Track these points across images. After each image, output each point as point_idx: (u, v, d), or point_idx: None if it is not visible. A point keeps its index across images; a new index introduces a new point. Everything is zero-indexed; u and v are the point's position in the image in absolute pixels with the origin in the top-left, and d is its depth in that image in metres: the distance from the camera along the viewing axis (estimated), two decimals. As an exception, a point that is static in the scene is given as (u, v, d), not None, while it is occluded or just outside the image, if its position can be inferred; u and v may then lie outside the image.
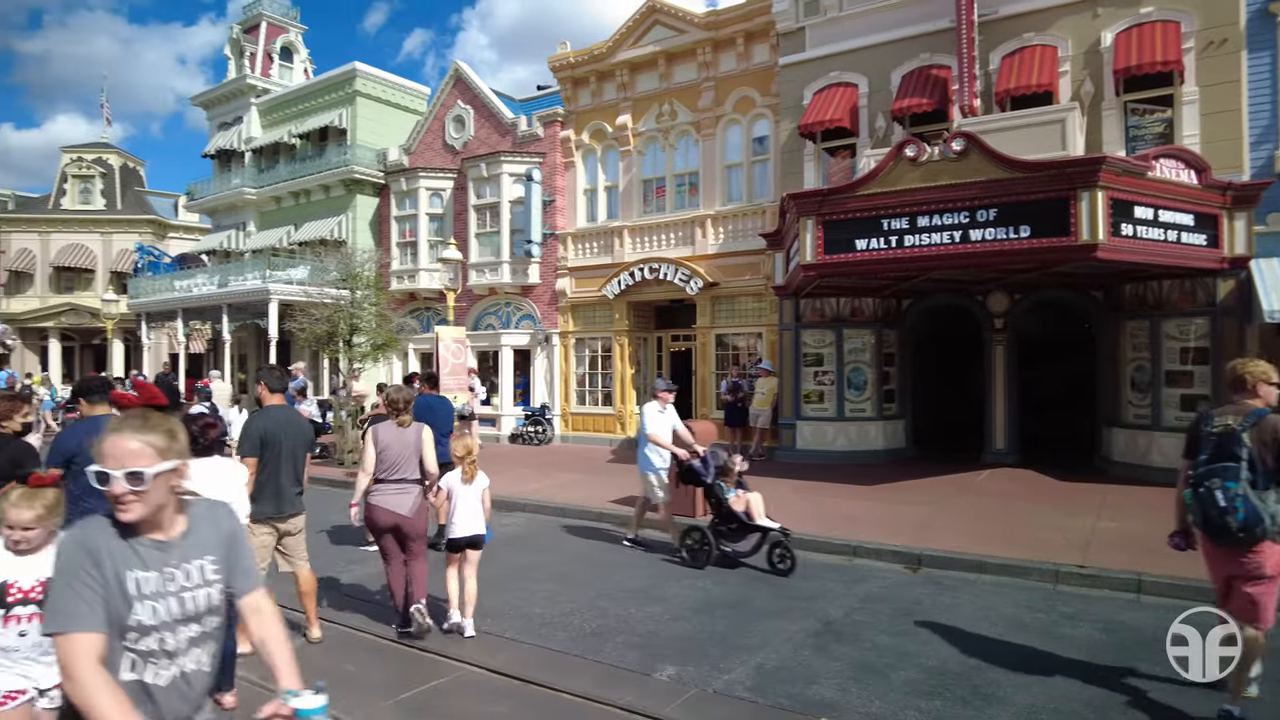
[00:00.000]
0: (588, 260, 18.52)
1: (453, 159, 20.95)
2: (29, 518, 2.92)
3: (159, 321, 25.38)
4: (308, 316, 15.59)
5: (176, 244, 33.47)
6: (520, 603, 6.64)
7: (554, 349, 19.06)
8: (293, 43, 29.52)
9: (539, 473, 13.74)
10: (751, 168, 16.37)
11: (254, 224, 26.10)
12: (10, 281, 33.79)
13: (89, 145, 35.90)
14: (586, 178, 18.88)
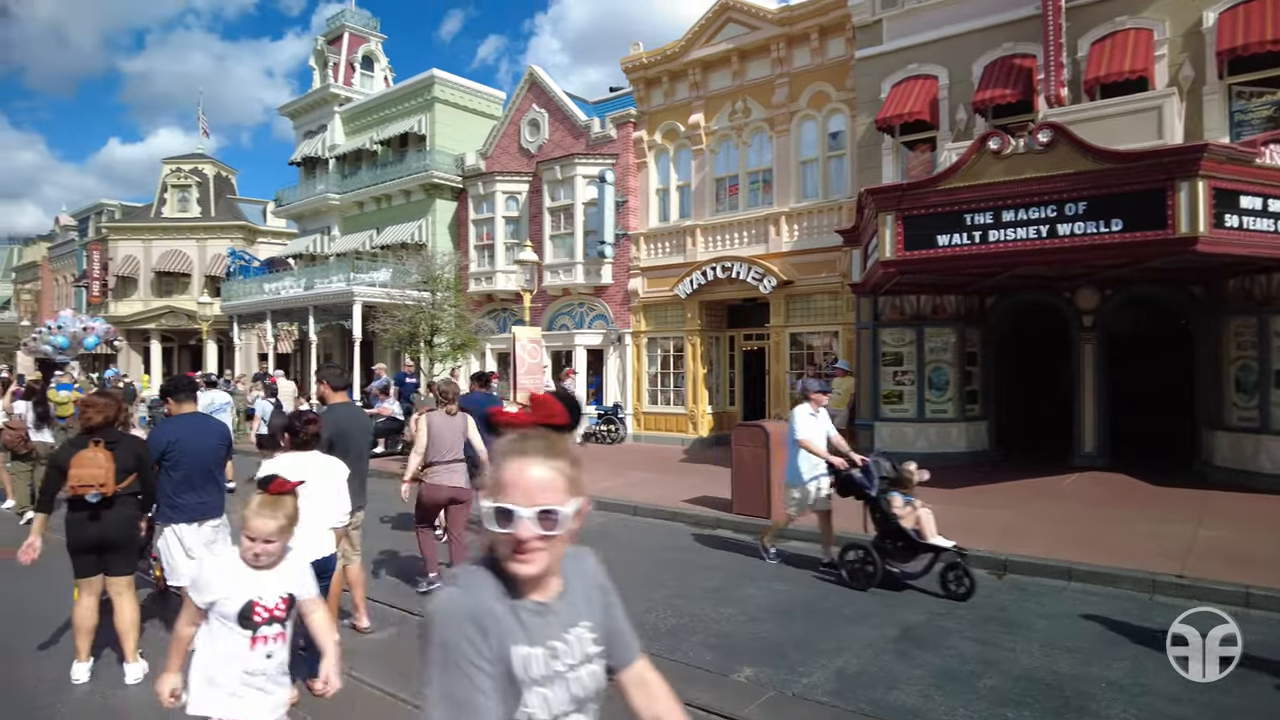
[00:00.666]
0: (660, 260, 18.55)
1: (528, 162, 21.27)
2: (271, 529, 2.71)
3: (249, 323, 26.55)
4: (390, 318, 16.08)
5: (265, 249, 34.91)
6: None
7: (626, 348, 19.15)
8: (373, 52, 30.45)
9: (612, 471, 13.82)
10: (827, 163, 16.13)
11: (338, 228, 27.03)
12: (117, 286, 35.84)
13: (186, 156, 37.76)
14: (659, 177, 18.91)
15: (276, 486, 2.76)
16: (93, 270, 37.86)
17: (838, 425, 14.24)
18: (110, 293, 36.18)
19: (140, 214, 37.49)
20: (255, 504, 2.73)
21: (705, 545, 8.91)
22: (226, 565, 2.74)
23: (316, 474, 4.67)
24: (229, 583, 2.73)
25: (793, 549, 8.59)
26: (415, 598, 6.79)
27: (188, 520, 5.31)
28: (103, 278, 36.79)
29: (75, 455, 4.79)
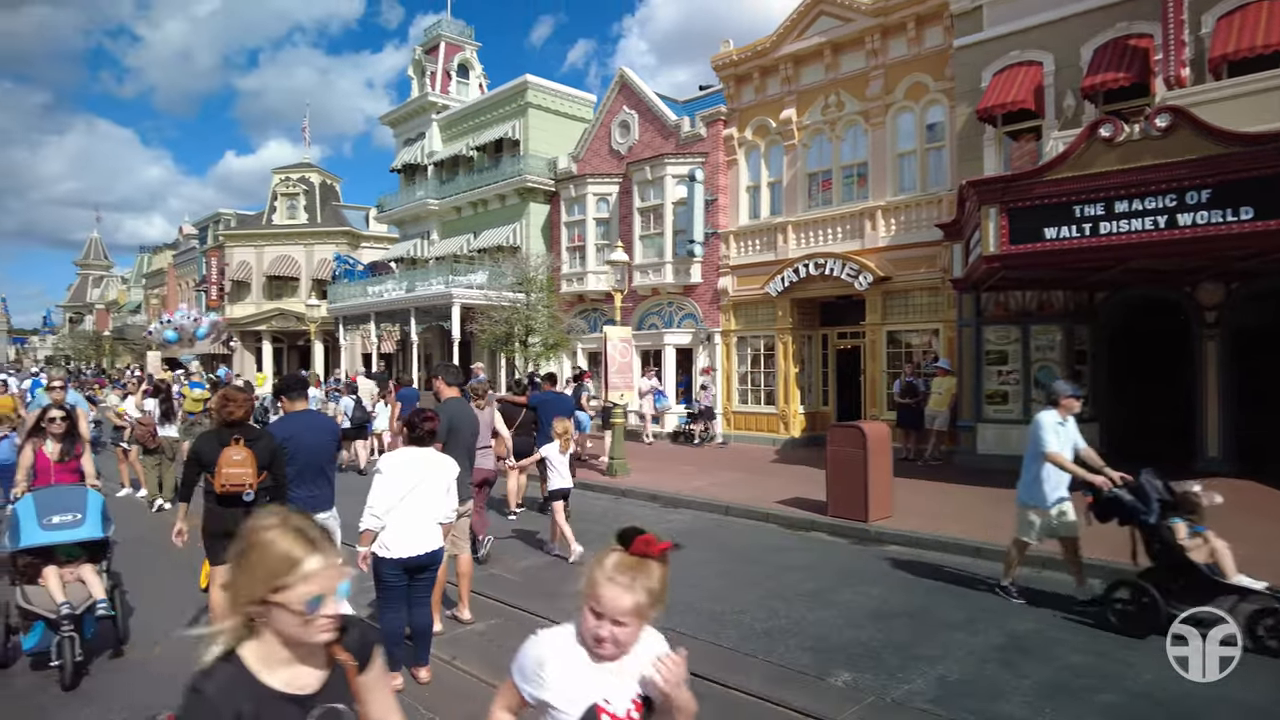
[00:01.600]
0: (750, 258, 18.39)
1: (618, 164, 21.45)
2: (627, 605, 1.88)
3: (354, 324, 27.73)
4: (487, 318, 16.52)
5: (368, 253, 36.37)
6: (689, 598, 6.69)
7: (715, 347, 19.08)
8: (468, 60, 31.30)
9: (702, 471, 13.80)
10: (925, 156, 15.65)
11: (437, 233, 27.92)
12: (232, 290, 38.05)
13: (294, 166, 39.73)
14: (749, 174, 18.76)
15: (642, 545, 1.95)
16: (211, 275, 40.31)
17: (938, 426, 13.95)
18: (226, 296, 38.45)
19: (253, 222, 39.68)
20: (609, 565, 1.93)
21: (799, 548, 8.79)
22: (563, 647, 1.96)
23: (430, 469, 4.91)
24: (568, 677, 1.94)
25: (894, 554, 8.39)
26: (513, 590, 6.96)
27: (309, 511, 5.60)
28: (220, 282, 39.11)
29: (221, 454, 5.02)
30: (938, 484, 11.86)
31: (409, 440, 5.04)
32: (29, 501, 5.32)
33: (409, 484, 4.77)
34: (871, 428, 9.63)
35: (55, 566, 5.21)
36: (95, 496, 5.58)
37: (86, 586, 5.25)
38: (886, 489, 9.52)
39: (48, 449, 6.24)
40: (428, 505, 4.84)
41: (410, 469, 4.83)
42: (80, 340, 62.96)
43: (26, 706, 4.78)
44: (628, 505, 11.36)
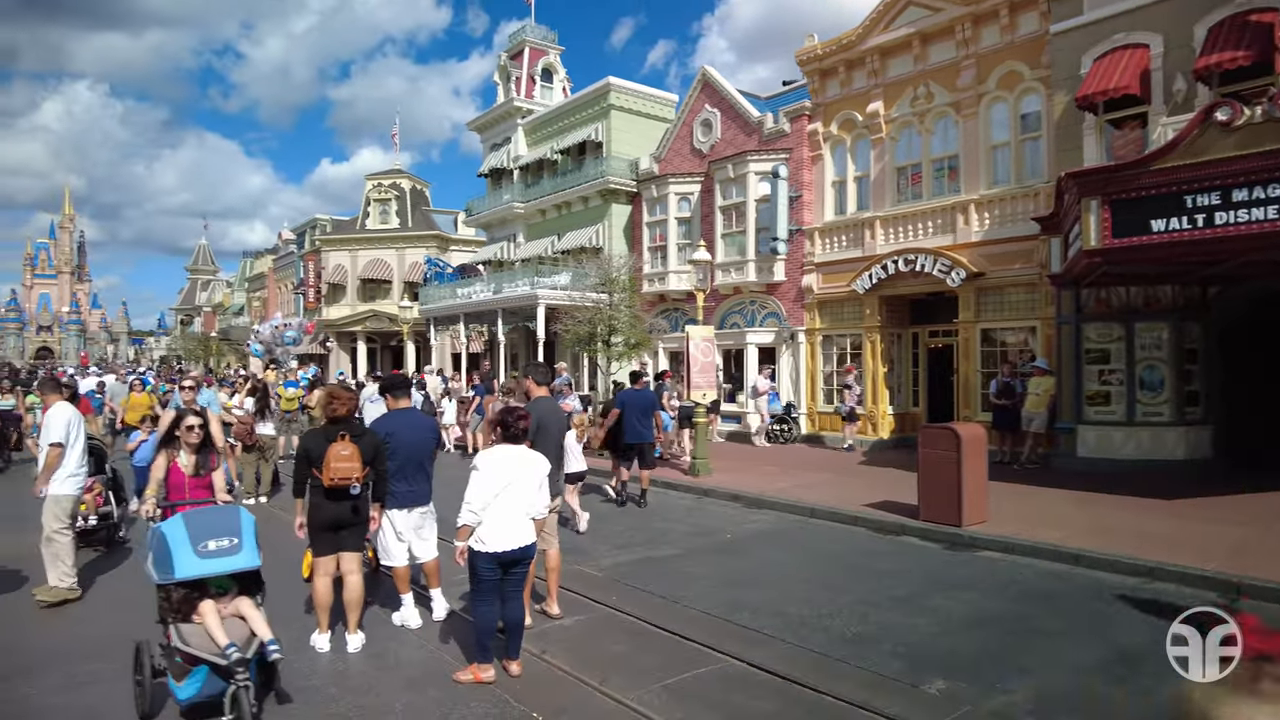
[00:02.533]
0: (836, 255, 18.06)
1: (700, 163, 21.39)
2: None
3: (444, 325, 28.53)
4: (571, 319, 16.72)
5: (457, 256, 37.34)
6: (776, 600, 6.62)
7: (800, 346, 18.80)
8: (552, 64, 31.74)
9: (785, 471, 13.62)
10: (1020, 147, 15.05)
11: (522, 235, 28.44)
12: (328, 293, 39.67)
13: (386, 172, 41.11)
14: (835, 169, 18.42)
15: None
16: (309, 279, 42.14)
17: (1035, 428, 13.39)
18: (323, 299, 40.11)
19: (347, 227, 41.26)
20: None
21: (889, 552, 8.57)
22: None
23: (524, 466, 5.01)
24: None
25: (989, 560, 8.11)
26: (600, 586, 7.01)
27: (399, 506, 5.90)
28: (317, 285, 40.84)
29: (329, 449, 5.29)
30: (1035, 488, 11.38)
31: (503, 438, 5.12)
32: (178, 524, 4.50)
33: (504, 481, 4.88)
34: (966, 429, 9.32)
35: (210, 601, 4.46)
36: (248, 517, 4.74)
37: (248, 624, 4.50)
38: (981, 493, 9.20)
39: (181, 461, 5.50)
40: (521, 501, 4.95)
41: (505, 466, 4.94)
42: (190, 341, 66.73)
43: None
44: (710, 505, 11.31)
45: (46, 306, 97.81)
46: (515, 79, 30.28)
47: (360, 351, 38.88)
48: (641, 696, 4.71)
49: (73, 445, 6.78)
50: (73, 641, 5.74)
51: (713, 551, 8.60)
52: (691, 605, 6.53)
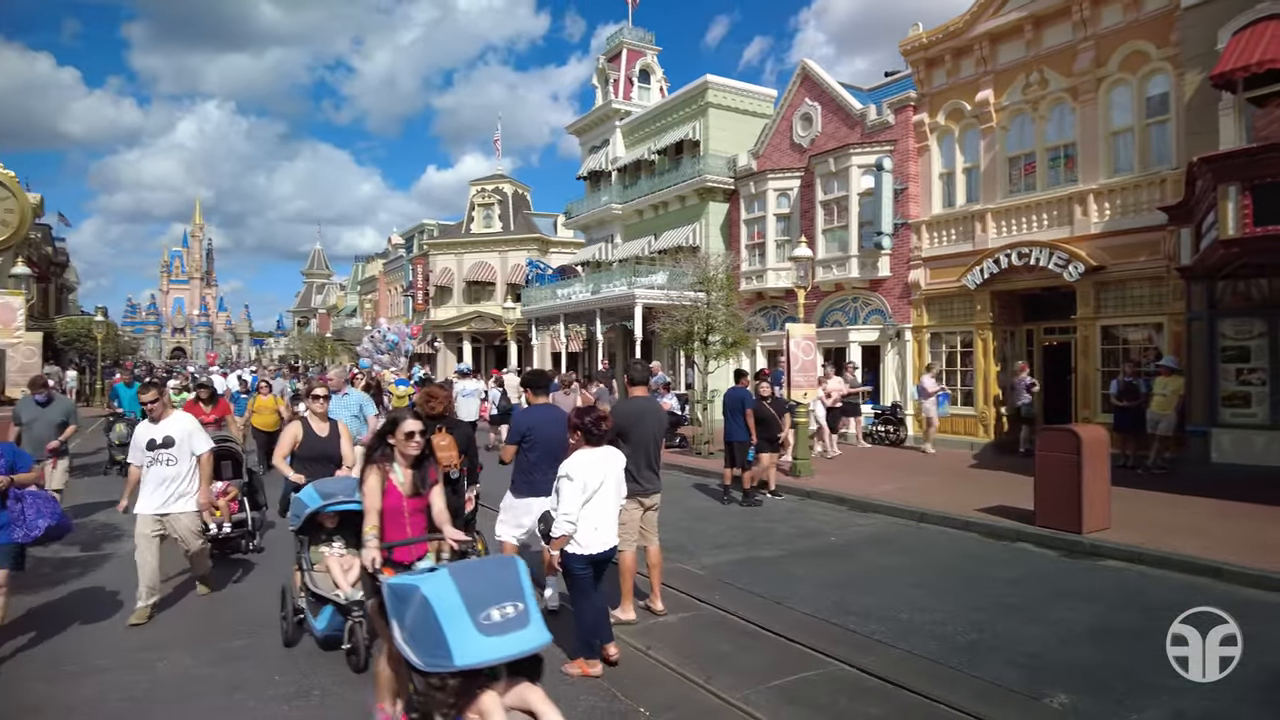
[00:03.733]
0: (944, 249, 17.44)
1: (800, 158, 21.07)
2: None
3: (544, 325, 29.11)
4: (669, 318, 16.73)
5: (557, 257, 38.03)
6: (886, 605, 6.45)
7: (906, 344, 18.25)
8: (649, 65, 31.89)
9: (891, 474, 13.26)
10: (1145, 132, 14.14)
11: (620, 236, 28.70)
12: (435, 295, 41.09)
13: (489, 178, 42.23)
14: (942, 161, 17.79)
15: None
16: (417, 282, 43.78)
17: (1162, 431, 12.58)
18: (430, 300, 41.60)
19: (453, 231, 42.63)
20: None
21: (1004, 558, 8.22)
22: None
23: (610, 467, 5.09)
24: None
25: (1113, 569, 7.67)
26: (702, 585, 7.00)
27: (539, 494, 6.06)
28: (424, 288, 42.39)
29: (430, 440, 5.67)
30: (1163, 495, 10.69)
31: (584, 441, 5.16)
32: (447, 586, 3.09)
33: (593, 485, 4.98)
34: (1086, 431, 8.84)
35: (495, 694, 3.19)
36: (524, 569, 3.33)
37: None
38: (1103, 498, 8.71)
39: (397, 479, 4.39)
40: (610, 502, 5.11)
41: (592, 470, 5.00)
42: (306, 341, 70.34)
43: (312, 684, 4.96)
44: (812, 507, 11.11)
45: (180, 310, 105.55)
46: (613, 81, 30.58)
47: (466, 351, 40.11)
48: (748, 696, 4.67)
49: (163, 462, 6.29)
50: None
51: (817, 554, 8.45)
52: (796, 607, 6.44)
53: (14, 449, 5.63)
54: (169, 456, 6.30)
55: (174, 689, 4.92)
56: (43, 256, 40.19)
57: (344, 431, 6.74)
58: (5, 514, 5.30)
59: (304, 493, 5.64)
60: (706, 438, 16.10)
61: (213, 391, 11.56)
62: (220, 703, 4.72)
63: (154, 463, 6.26)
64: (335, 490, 5.59)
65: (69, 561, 8.03)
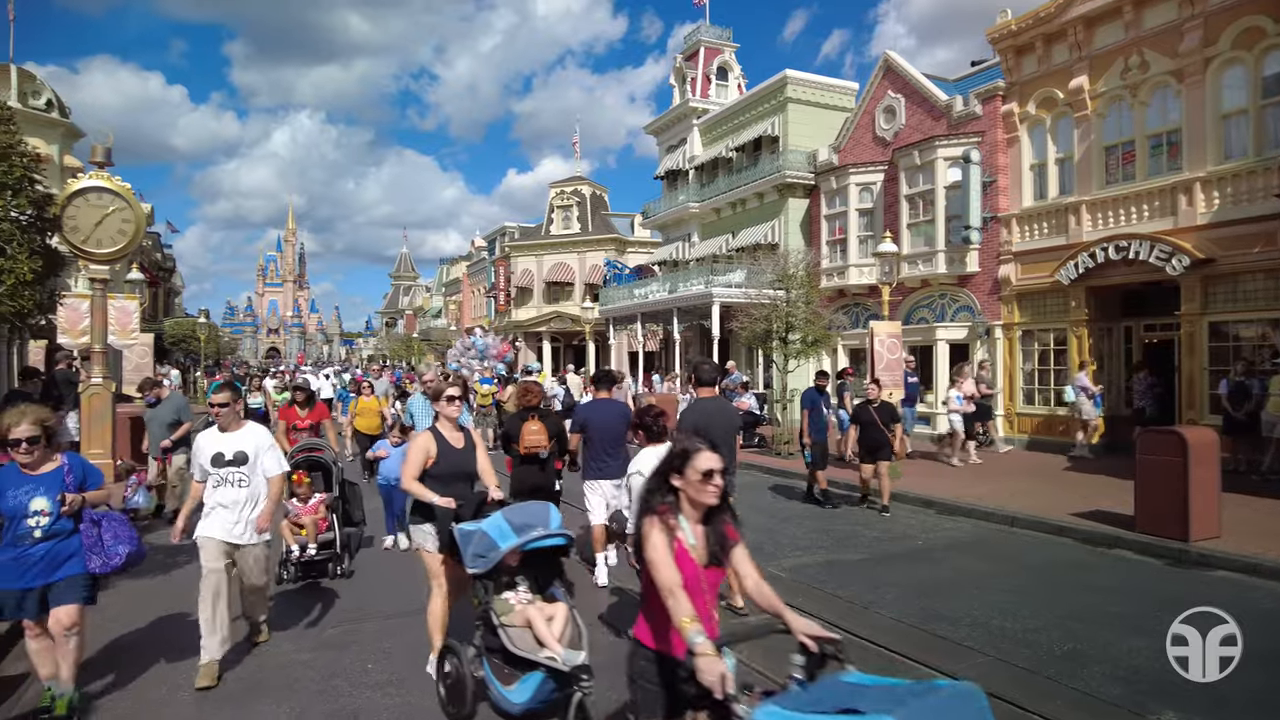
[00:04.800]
0: (1036, 243, 16.75)
1: (883, 151, 20.58)
2: None
3: (622, 324, 29.26)
4: (747, 316, 16.58)
5: (634, 257, 38.20)
6: (975, 611, 6.23)
7: (996, 342, 17.61)
8: (727, 62, 31.69)
9: (981, 476, 12.81)
10: (1260, 114, 13.23)
11: (697, 235, 28.62)
12: (516, 296, 41.84)
13: (567, 180, 42.74)
14: (1033, 152, 17.09)
15: None
16: (499, 283, 44.65)
17: (1279, 435, 11.75)
18: (511, 301, 42.37)
19: (533, 233, 43.32)
20: None
21: (1102, 566, 7.85)
22: None
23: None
24: None
25: (1223, 580, 7.22)
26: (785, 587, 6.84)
27: (601, 477, 7.06)
28: (506, 289, 43.22)
29: (523, 427, 6.86)
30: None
31: (646, 440, 5.38)
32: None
33: None
34: (1193, 433, 8.35)
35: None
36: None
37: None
38: (1212, 504, 8.20)
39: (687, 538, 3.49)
40: None
41: (652, 465, 4.96)
42: (394, 342, 72.53)
43: (404, 673, 5.07)
44: (897, 510, 10.82)
45: (274, 311, 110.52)
46: (690, 80, 30.51)
47: (545, 350, 40.70)
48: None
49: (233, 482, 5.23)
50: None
51: (903, 558, 8.23)
52: (883, 612, 6.28)
53: (83, 462, 4.66)
54: (240, 476, 5.21)
55: (277, 674, 5.17)
56: (153, 262, 42.68)
57: (479, 442, 5.29)
58: (78, 539, 4.41)
59: (490, 525, 4.28)
60: (786, 438, 15.89)
61: (310, 394, 10.27)
62: (318, 687, 4.93)
63: (222, 483, 5.19)
64: (530, 520, 4.33)
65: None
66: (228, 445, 5.25)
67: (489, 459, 5.28)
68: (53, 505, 4.30)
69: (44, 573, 4.30)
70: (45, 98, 25.59)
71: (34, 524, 4.27)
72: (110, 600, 6.25)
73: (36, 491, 4.30)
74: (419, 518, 4.98)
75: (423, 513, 4.95)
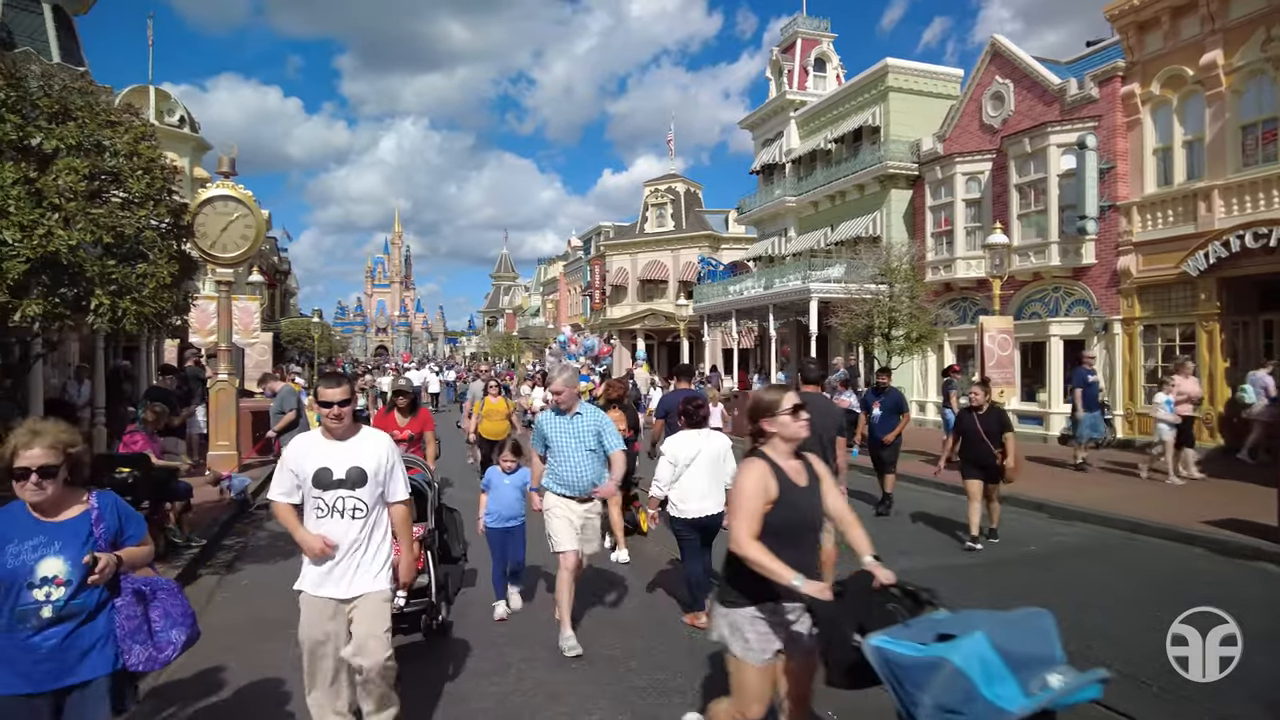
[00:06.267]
0: (1159, 232, 15.71)
1: (991, 139, 19.74)
2: None
3: (716, 321, 29.08)
4: (848, 312, 16.21)
5: (728, 254, 37.89)
6: (1096, 622, 5.88)
7: (1114, 338, 16.61)
8: (825, 53, 31.04)
9: (1098, 480, 12.12)
10: None
11: (794, 229, 28.17)
12: (611, 294, 42.22)
13: (661, 178, 42.79)
14: (1157, 135, 16.03)
15: None
16: (594, 282, 45.18)
17: None
18: (606, 300, 42.79)
19: (627, 232, 43.61)
20: None
21: (1240, 579, 7.27)
22: None
23: (705, 445, 5.88)
24: None
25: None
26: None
27: None
28: (601, 287, 43.68)
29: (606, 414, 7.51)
30: None
31: (687, 424, 6.14)
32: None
33: (684, 460, 5.80)
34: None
35: None
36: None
37: None
38: (1371, 514, 7.49)
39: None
40: (704, 475, 5.78)
41: (686, 447, 5.86)
42: (495, 340, 74.45)
43: (509, 661, 5.29)
44: (1006, 513, 10.32)
45: (382, 311, 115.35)
46: (787, 72, 30.05)
47: (639, 348, 40.93)
48: None
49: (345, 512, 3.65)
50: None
51: (1015, 564, 7.86)
52: (993, 620, 6.00)
53: (118, 503, 3.03)
54: (356, 503, 3.63)
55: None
56: (271, 266, 45.13)
57: (824, 473, 3.39)
58: (107, 618, 2.86)
59: (969, 654, 2.45)
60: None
61: (414, 398, 8.55)
62: (425, 673, 5.07)
63: (329, 512, 3.60)
64: (1035, 648, 2.55)
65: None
66: (338, 459, 3.62)
67: (844, 499, 3.60)
68: (72, 570, 2.75)
69: (56, 671, 2.74)
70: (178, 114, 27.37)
71: (43, 596, 2.72)
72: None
73: (49, 548, 2.75)
74: (737, 595, 3.17)
75: (749, 589, 3.13)
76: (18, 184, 5.49)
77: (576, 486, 5.54)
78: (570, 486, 5.54)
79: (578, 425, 5.63)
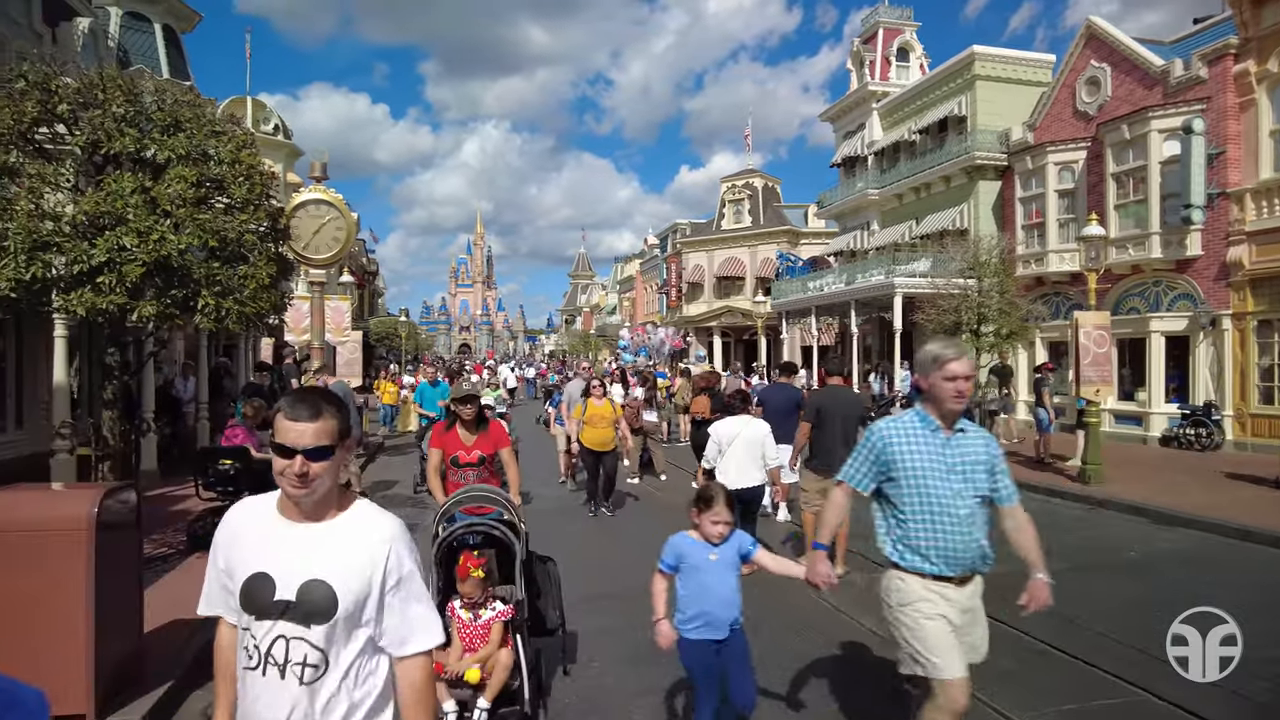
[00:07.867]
0: (1275, 221, 14.73)
1: (1085, 127, 18.88)
2: None
3: (795, 318, 28.74)
4: (934, 307, 15.79)
5: (807, 249, 37.40)
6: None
7: (1223, 334, 15.67)
8: (908, 42, 30.28)
9: (1205, 484, 11.47)
10: None
11: (877, 223, 27.58)
12: (687, 291, 42.17)
13: (739, 174, 42.53)
14: (1275, 116, 15.01)
15: None
16: (671, 279, 45.23)
17: None
18: (683, 297, 42.75)
19: (704, 229, 43.49)
20: None
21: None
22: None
23: (743, 429, 6.87)
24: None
25: None
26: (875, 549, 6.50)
27: (781, 441, 7.54)
28: (678, 285, 43.70)
29: (695, 400, 8.84)
30: None
31: (726, 413, 7.35)
32: None
33: (726, 441, 6.87)
34: None
35: None
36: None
37: None
38: None
39: None
40: (741, 454, 6.79)
41: (727, 431, 6.92)
42: (573, 338, 75.39)
43: (592, 656, 5.16)
44: (1105, 518, 9.91)
45: (465, 310, 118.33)
46: (869, 63, 29.43)
47: (716, 345, 40.77)
48: (1035, 719, 4.26)
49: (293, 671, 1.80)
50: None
51: (1112, 570, 7.52)
52: (1089, 626, 5.76)
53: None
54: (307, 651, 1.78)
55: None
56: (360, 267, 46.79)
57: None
58: None
59: None
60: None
61: (483, 408, 5.64)
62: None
63: (262, 663, 1.77)
64: None
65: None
66: (288, 561, 1.81)
67: None
68: None
69: None
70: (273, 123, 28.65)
71: None
72: None
73: None
74: None
75: None
76: (135, 193, 5.88)
77: (962, 560, 3.20)
78: (952, 561, 3.18)
79: (962, 451, 3.18)
